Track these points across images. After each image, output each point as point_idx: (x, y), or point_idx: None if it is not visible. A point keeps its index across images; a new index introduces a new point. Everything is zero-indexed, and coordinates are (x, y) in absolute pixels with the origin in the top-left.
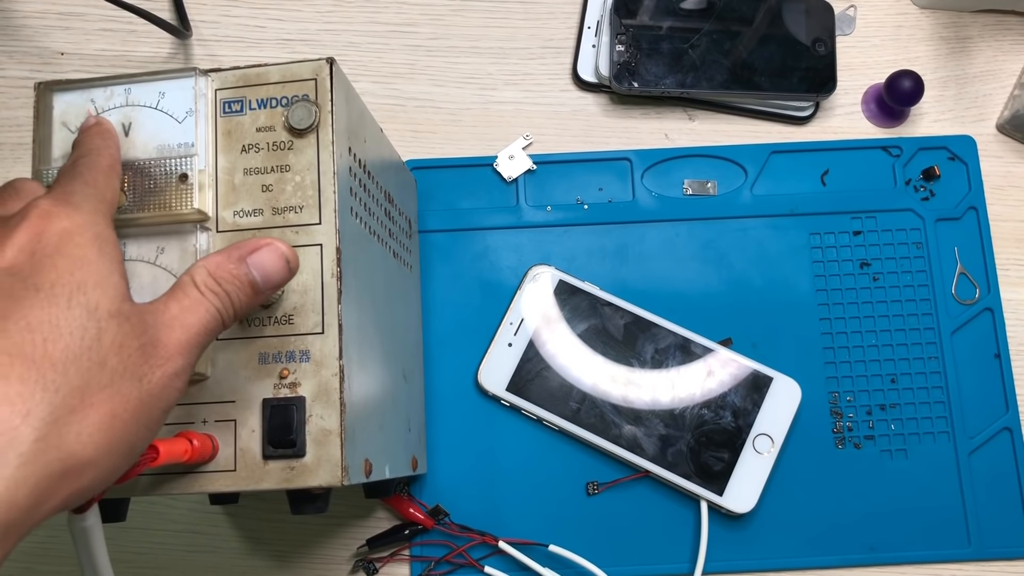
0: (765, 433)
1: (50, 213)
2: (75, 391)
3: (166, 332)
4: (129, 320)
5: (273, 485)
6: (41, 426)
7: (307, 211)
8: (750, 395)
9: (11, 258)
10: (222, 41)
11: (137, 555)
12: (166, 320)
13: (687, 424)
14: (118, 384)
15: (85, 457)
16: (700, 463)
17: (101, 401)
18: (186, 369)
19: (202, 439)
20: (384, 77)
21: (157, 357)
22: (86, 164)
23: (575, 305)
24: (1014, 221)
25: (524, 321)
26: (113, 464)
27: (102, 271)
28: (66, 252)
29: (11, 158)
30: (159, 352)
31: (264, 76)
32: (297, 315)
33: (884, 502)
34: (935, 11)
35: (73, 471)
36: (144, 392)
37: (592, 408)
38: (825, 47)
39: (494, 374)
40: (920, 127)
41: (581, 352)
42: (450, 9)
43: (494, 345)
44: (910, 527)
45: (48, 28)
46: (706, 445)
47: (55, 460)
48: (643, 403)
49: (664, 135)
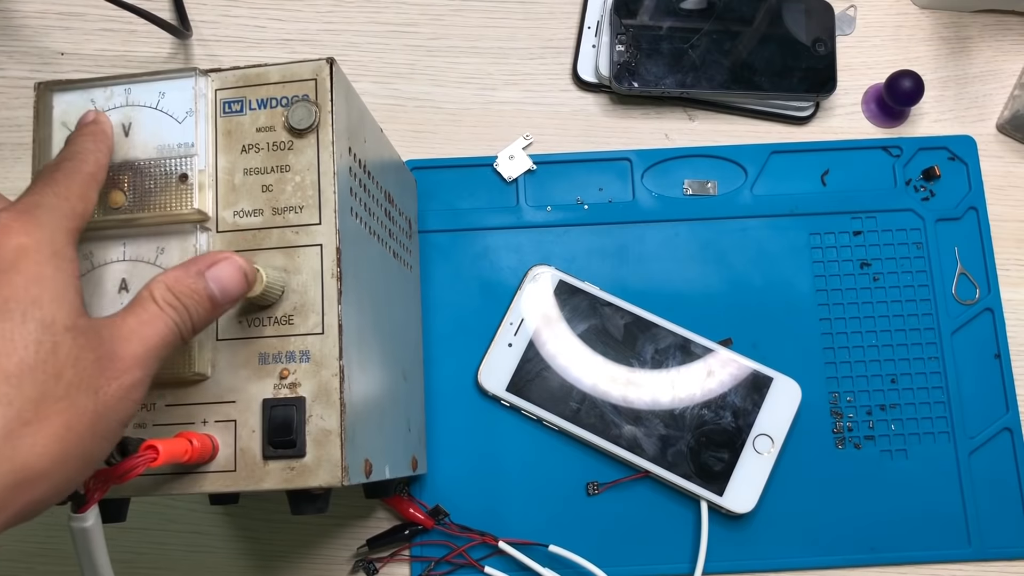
0: (765, 433)
1: (9, 228)
2: (29, 403)
3: (123, 345)
4: (85, 334)
5: (273, 485)
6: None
7: (307, 211)
8: (750, 395)
9: None
10: (222, 41)
11: (137, 555)
12: (123, 333)
13: (687, 424)
14: (73, 396)
15: (39, 468)
16: (700, 463)
17: (56, 413)
18: (143, 381)
19: (202, 439)
20: (384, 77)
21: (113, 369)
22: (66, 170)
23: (575, 305)
24: (1014, 221)
25: (524, 321)
26: (68, 475)
27: (58, 287)
28: (22, 268)
29: (11, 158)
30: (115, 365)
31: (264, 76)
32: (297, 315)
33: (884, 502)
34: (935, 11)
35: (26, 483)
36: (100, 404)
37: (592, 408)
38: (825, 47)
39: (494, 374)
40: (920, 127)
41: (581, 352)
42: (450, 9)
43: (494, 345)
44: (910, 527)
45: (48, 28)
46: (706, 445)
47: (8, 472)
48: (643, 403)
49: (664, 135)
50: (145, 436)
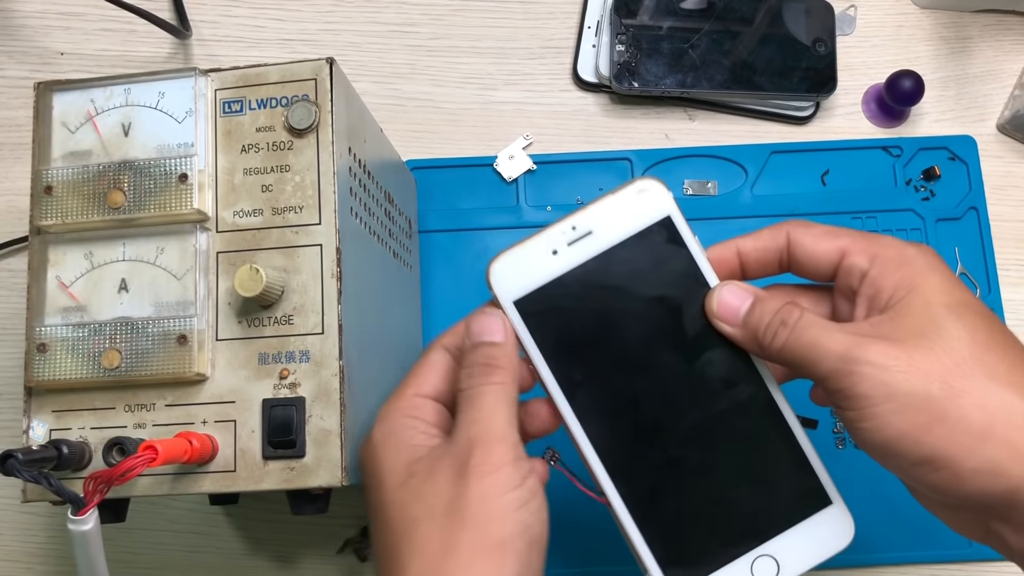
0: (772, 557)
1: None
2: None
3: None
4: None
5: (273, 486)
6: None
7: (307, 211)
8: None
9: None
10: (222, 41)
11: (136, 556)
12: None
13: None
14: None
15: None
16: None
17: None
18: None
19: (202, 439)
20: (384, 77)
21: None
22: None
23: (664, 257)
24: (1014, 221)
25: (593, 235)
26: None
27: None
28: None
29: (11, 158)
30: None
31: (264, 76)
32: (297, 315)
33: (885, 502)
34: (935, 11)
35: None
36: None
37: (604, 396)
38: (825, 47)
39: (512, 273)
40: (920, 127)
41: (643, 319)
42: (450, 9)
43: (530, 242)
44: (910, 527)
45: (48, 28)
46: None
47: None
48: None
49: (664, 135)
50: (144, 436)
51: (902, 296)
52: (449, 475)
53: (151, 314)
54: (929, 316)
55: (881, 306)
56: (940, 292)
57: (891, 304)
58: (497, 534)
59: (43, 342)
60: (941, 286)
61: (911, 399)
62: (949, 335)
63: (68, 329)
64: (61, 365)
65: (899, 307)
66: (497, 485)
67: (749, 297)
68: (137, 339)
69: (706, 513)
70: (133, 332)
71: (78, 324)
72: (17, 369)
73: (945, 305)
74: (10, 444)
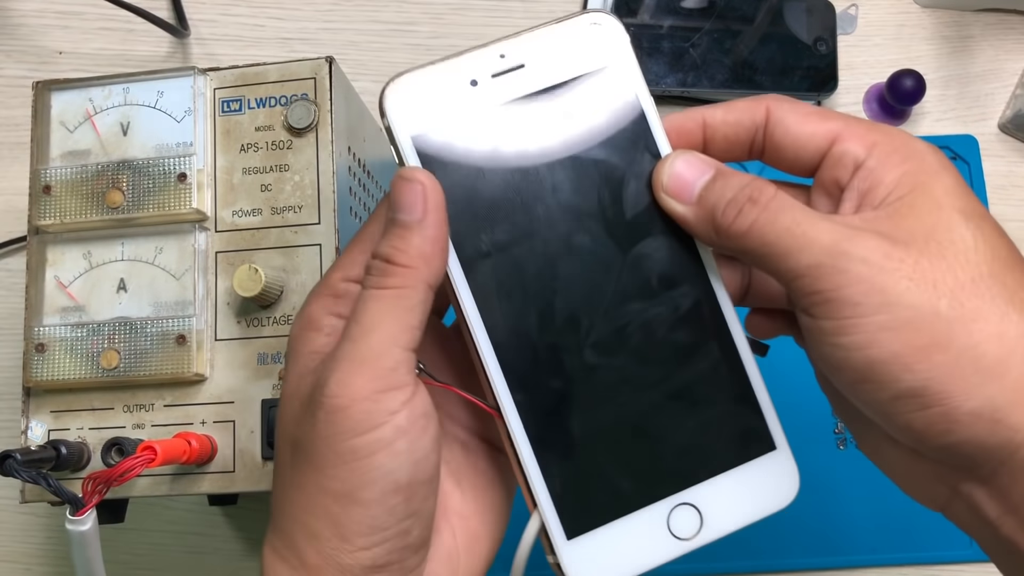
0: (694, 505)
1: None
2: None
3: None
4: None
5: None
6: None
7: (306, 211)
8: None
9: None
10: (221, 40)
11: (135, 556)
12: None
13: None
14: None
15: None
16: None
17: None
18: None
19: (201, 440)
20: (384, 76)
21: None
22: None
23: (610, 113)
24: (1016, 221)
25: (525, 69)
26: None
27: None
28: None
29: (9, 157)
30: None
31: (263, 75)
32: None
33: (885, 503)
34: (937, 10)
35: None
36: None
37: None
38: (827, 46)
39: (417, 99)
40: (922, 126)
41: (577, 194)
42: (450, 8)
43: (445, 64)
44: (911, 527)
45: (46, 27)
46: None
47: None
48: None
49: None
50: (143, 437)
51: (904, 194)
52: (304, 401)
53: (150, 314)
54: (940, 219)
55: (875, 203)
56: (953, 195)
57: (889, 202)
58: (341, 481)
59: (41, 342)
60: (955, 189)
61: (911, 313)
62: (965, 244)
63: (67, 329)
64: (59, 365)
65: (899, 205)
66: (344, 427)
67: (709, 169)
68: (136, 339)
69: (620, 442)
70: (132, 332)
71: (77, 324)
72: (15, 369)
73: (960, 211)
74: (8, 444)
